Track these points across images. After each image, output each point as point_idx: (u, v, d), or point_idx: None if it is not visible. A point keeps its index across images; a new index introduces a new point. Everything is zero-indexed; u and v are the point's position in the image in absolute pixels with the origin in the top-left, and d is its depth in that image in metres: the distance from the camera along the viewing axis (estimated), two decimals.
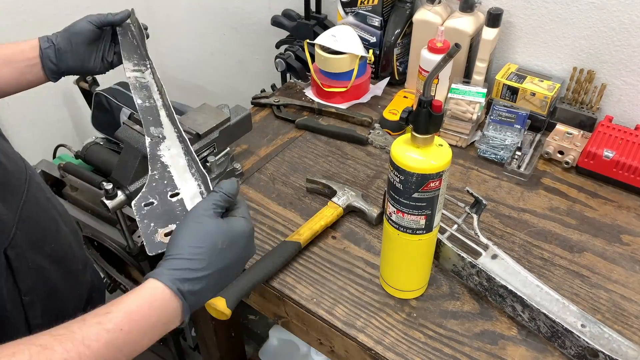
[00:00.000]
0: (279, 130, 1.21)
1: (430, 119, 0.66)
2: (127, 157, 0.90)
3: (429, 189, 0.70)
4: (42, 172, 1.45)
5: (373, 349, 0.78)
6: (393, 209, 0.74)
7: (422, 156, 0.68)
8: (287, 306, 0.88)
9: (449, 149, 0.70)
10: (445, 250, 0.86)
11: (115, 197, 0.87)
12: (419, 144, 0.69)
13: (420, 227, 0.74)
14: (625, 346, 0.72)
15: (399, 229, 0.75)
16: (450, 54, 0.63)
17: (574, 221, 0.98)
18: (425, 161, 0.68)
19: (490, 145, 1.11)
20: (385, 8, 1.28)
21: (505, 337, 0.79)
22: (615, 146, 1.03)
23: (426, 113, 0.66)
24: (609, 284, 0.87)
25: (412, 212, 0.72)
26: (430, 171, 0.68)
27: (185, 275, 0.58)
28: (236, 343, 1.40)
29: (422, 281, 0.84)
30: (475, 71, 1.20)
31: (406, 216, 0.73)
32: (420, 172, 0.68)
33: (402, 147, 0.70)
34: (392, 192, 0.73)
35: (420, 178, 0.68)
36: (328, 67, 1.25)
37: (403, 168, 0.69)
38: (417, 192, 0.70)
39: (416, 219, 0.73)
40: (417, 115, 0.66)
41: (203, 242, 0.60)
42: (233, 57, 1.85)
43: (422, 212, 0.72)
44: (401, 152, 0.69)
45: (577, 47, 1.14)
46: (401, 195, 0.71)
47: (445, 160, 0.69)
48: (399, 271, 0.83)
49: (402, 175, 0.69)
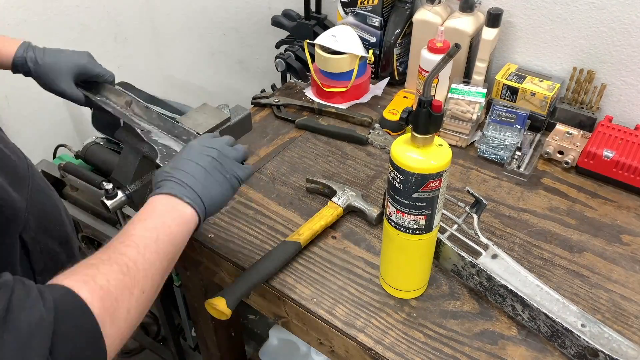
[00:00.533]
0: (279, 130, 1.21)
1: (430, 119, 0.66)
2: (128, 157, 0.90)
3: (429, 189, 0.70)
4: (42, 172, 1.45)
5: (373, 348, 0.78)
6: (393, 209, 0.74)
7: (422, 156, 0.68)
8: (287, 306, 0.88)
9: (448, 149, 0.70)
10: (446, 250, 0.86)
11: (116, 197, 0.87)
12: (418, 144, 0.69)
13: (420, 227, 0.74)
14: (625, 346, 0.72)
15: (399, 229, 0.75)
16: (450, 54, 0.63)
17: (574, 221, 0.98)
18: (425, 161, 0.68)
19: (490, 145, 1.11)
20: (385, 8, 1.28)
21: (505, 337, 0.80)
22: (615, 146, 1.03)
23: (426, 113, 0.66)
24: (609, 284, 0.87)
25: (412, 212, 0.72)
26: (430, 171, 0.68)
27: (177, 179, 0.70)
28: (236, 343, 1.40)
29: (422, 281, 0.85)
30: (475, 71, 1.20)
31: (406, 216, 0.73)
32: (420, 172, 0.68)
33: (402, 147, 0.70)
34: (392, 192, 0.73)
35: (420, 178, 0.68)
36: (328, 67, 1.25)
37: (403, 168, 0.69)
38: (417, 192, 0.70)
39: (416, 219, 0.73)
40: (417, 116, 0.66)
41: (187, 154, 0.73)
42: (233, 57, 1.85)
43: (422, 212, 0.72)
44: (401, 152, 0.69)
45: (577, 47, 1.14)
46: (401, 195, 0.71)
47: (445, 160, 0.69)
48: (399, 271, 0.83)
49: (402, 175, 0.69)
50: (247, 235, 0.96)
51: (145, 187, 0.90)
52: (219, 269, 0.98)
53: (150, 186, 0.90)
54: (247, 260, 0.91)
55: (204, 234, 0.96)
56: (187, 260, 1.07)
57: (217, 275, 1.00)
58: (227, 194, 0.74)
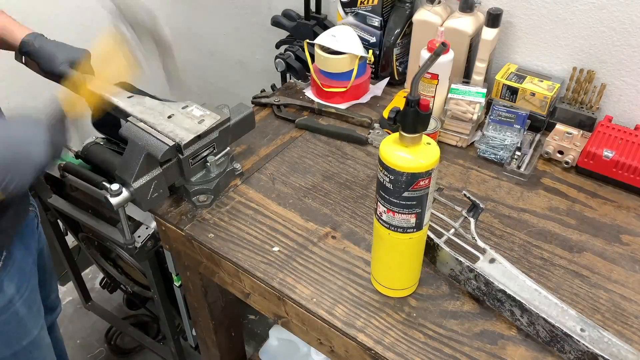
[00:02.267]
0: (279, 130, 1.21)
1: (418, 118, 0.67)
2: (132, 154, 0.90)
3: (419, 187, 0.70)
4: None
5: (373, 348, 0.78)
6: (383, 209, 0.74)
7: (411, 155, 0.69)
8: (287, 306, 0.88)
9: (436, 147, 0.70)
10: (443, 255, 0.86)
11: (120, 195, 0.87)
12: (407, 143, 0.69)
13: (411, 225, 0.75)
14: (625, 350, 0.72)
15: (390, 229, 0.76)
16: (437, 53, 0.64)
17: (574, 221, 0.98)
18: (414, 160, 0.69)
19: (490, 145, 1.11)
20: (385, 8, 1.28)
21: (505, 337, 0.80)
22: (615, 146, 1.03)
23: (414, 112, 0.66)
24: (609, 284, 0.87)
25: (403, 211, 0.73)
26: (420, 170, 0.69)
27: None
28: (236, 343, 1.40)
29: (414, 279, 0.85)
30: (475, 71, 1.20)
31: (397, 215, 0.73)
32: (410, 171, 0.69)
33: (391, 147, 0.70)
34: (382, 191, 0.73)
35: (410, 177, 0.69)
36: (328, 67, 1.25)
37: (393, 168, 0.69)
38: (407, 191, 0.70)
39: (407, 217, 0.74)
40: (405, 115, 0.67)
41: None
42: (233, 57, 1.85)
43: (413, 210, 0.73)
44: (390, 152, 0.70)
45: (577, 47, 1.14)
46: (391, 195, 0.72)
47: (434, 159, 0.69)
48: (391, 270, 0.83)
49: (392, 175, 0.70)
50: (247, 235, 0.96)
51: (148, 185, 0.90)
52: (219, 269, 0.98)
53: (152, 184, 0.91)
54: (247, 260, 0.92)
55: (204, 234, 0.96)
56: (187, 260, 1.07)
57: (217, 275, 1.00)
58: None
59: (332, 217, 0.99)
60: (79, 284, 1.81)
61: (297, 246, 0.94)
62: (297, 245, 0.94)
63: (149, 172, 0.90)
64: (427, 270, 0.89)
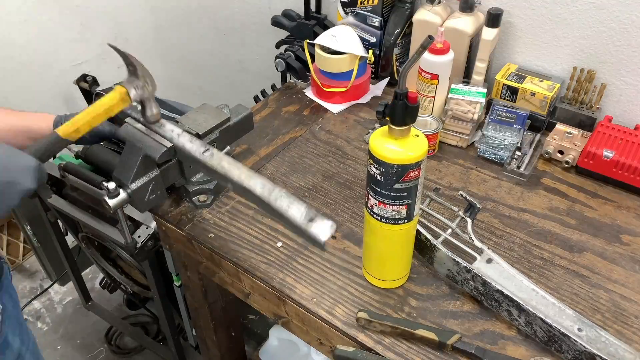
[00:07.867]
0: (279, 130, 1.21)
1: (407, 111, 0.68)
2: (129, 155, 0.90)
3: (409, 179, 0.71)
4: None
5: (373, 348, 0.78)
6: (375, 201, 0.75)
7: (401, 147, 0.70)
8: (287, 306, 0.88)
9: (424, 139, 0.72)
10: (440, 255, 0.86)
11: (117, 196, 0.87)
12: (396, 136, 0.70)
13: (402, 216, 0.76)
14: (623, 349, 0.72)
15: (382, 220, 0.76)
16: (423, 46, 0.64)
17: (574, 221, 0.98)
18: (403, 152, 0.70)
19: (489, 145, 1.11)
20: (385, 8, 1.28)
21: (505, 337, 0.80)
22: (615, 146, 1.03)
23: (402, 105, 0.68)
24: (609, 284, 0.87)
25: (394, 203, 0.74)
26: (410, 161, 0.70)
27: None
28: (236, 343, 1.40)
29: (405, 269, 0.86)
30: (475, 71, 1.20)
31: (388, 207, 0.74)
32: (400, 162, 0.70)
33: (380, 140, 0.72)
34: (373, 184, 0.74)
35: (401, 169, 0.70)
36: (328, 67, 1.25)
37: (383, 160, 0.70)
38: (397, 182, 0.71)
39: (398, 209, 0.74)
40: (394, 108, 0.68)
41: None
42: (233, 57, 1.85)
43: (404, 202, 0.74)
44: (380, 145, 0.71)
45: (577, 47, 1.14)
46: (382, 187, 0.73)
47: (423, 150, 0.71)
48: (383, 261, 0.84)
49: (382, 167, 0.71)
50: (247, 235, 0.96)
51: (146, 186, 0.90)
52: (219, 269, 0.98)
53: (150, 185, 0.91)
54: (247, 260, 0.92)
55: (204, 234, 0.96)
56: (187, 260, 1.07)
57: (217, 275, 1.00)
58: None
59: (332, 217, 0.99)
60: (79, 284, 1.81)
61: (297, 246, 0.94)
62: (297, 245, 0.94)
63: (147, 174, 0.90)
64: (427, 270, 0.89)
